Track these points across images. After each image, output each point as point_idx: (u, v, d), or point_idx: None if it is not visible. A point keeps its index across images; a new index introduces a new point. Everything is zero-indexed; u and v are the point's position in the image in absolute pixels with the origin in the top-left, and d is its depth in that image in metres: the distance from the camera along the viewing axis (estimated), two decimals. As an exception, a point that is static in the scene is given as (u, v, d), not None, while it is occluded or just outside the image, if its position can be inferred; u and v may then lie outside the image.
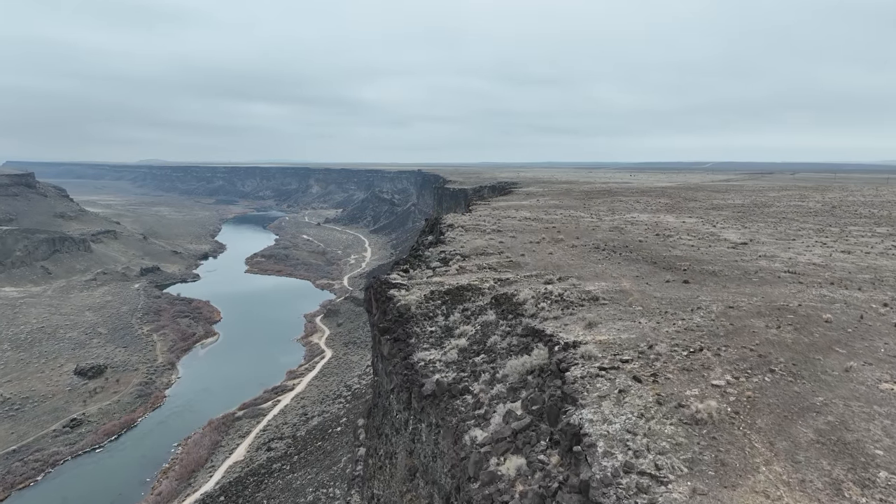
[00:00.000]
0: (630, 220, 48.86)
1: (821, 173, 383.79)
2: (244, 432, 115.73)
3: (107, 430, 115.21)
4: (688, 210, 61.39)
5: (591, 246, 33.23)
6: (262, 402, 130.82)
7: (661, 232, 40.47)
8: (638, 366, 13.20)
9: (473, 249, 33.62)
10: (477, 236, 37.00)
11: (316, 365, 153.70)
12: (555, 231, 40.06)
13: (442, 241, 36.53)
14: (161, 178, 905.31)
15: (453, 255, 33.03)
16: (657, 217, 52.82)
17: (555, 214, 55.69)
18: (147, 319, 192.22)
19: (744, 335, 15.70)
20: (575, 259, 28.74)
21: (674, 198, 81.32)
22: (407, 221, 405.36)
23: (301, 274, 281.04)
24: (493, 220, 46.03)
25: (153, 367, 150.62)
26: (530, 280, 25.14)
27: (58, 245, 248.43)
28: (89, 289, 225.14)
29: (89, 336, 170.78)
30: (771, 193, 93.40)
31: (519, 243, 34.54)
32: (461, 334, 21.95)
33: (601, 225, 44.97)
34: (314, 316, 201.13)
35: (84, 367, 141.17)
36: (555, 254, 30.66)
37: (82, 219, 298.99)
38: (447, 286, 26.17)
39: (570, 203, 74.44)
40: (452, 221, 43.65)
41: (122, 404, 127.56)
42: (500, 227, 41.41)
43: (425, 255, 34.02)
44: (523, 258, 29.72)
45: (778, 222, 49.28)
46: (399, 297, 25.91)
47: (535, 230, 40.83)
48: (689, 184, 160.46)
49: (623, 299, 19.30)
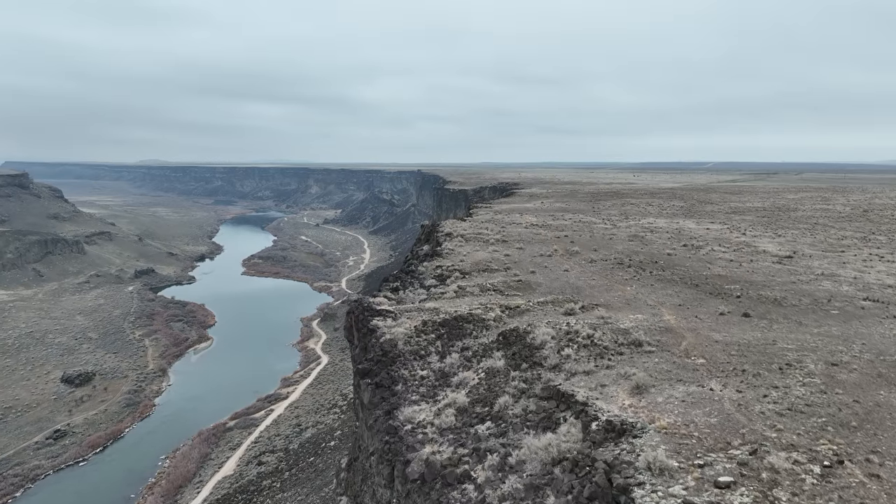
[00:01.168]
0: (648, 227, 44.19)
1: (825, 173, 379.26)
2: (235, 444, 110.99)
3: (92, 442, 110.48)
4: (707, 214, 56.68)
5: (613, 260, 28.57)
6: (255, 411, 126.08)
7: (688, 242, 35.80)
8: (751, 501, 8.41)
9: (475, 264, 28.84)
10: (479, 248, 32.30)
11: (311, 372, 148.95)
12: (567, 241, 35.43)
13: (439, 254, 31.75)
14: (159, 178, 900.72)
15: (451, 272, 28.20)
16: (676, 223, 48.16)
17: (563, 220, 50.98)
18: (139, 324, 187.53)
19: (889, 427, 10.73)
20: (597, 278, 24.10)
21: (687, 200, 76.57)
22: (406, 222, 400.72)
23: (298, 276, 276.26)
24: (497, 228, 41.38)
25: (143, 373, 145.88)
26: (545, 308, 20.37)
27: (50, 247, 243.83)
28: (81, 292, 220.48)
29: (79, 341, 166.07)
30: (788, 195, 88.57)
31: (527, 256, 29.91)
32: (460, 384, 17.17)
33: (617, 233, 40.29)
34: (311, 320, 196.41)
35: (71, 375, 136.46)
36: (571, 271, 26.02)
37: (76, 220, 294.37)
38: (443, 315, 21.36)
39: (577, 206, 69.66)
40: (451, 229, 38.85)
41: (109, 414, 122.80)
42: (504, 236, 36.75)
43: (419, 271, 29.16)
44: (534, 277, 25.07)
45: (812, 229, 44.63)
46: (384, 328, 21.09)
47: (544, 240, 36.16)
48: (696, 185, 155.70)
49: (673, 343, 14.65)
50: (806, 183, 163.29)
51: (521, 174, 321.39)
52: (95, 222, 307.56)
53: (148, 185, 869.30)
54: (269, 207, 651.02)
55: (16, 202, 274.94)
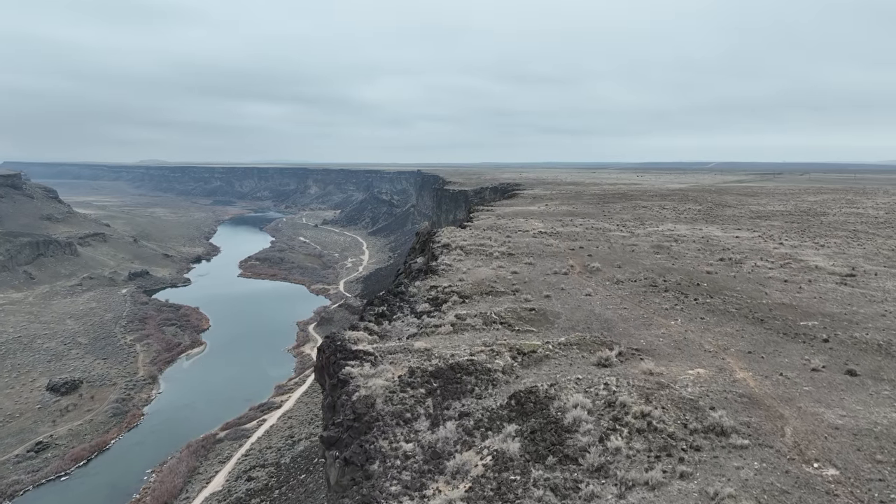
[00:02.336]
0: (670, 235, 39.46)
1: (830, 173, 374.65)
2: (225, 457, 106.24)
3: (75, 455, 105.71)
4: (730, 220, 51.99)
5: (644, 280, 23.81)
6: (247, 421, 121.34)
7: (724, 255, 30.97)
8: None
9: (477, 284, 24.04)
10: (481, 262, 27.55)
11: (307, 379, 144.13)
12: (584, 254, 30.69)
13: (434, 270, 26.95)
14: (158, 178, 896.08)
15: (449, 295, 23.38)
16: (700, 229, 43.39)
17: (574, 226, 46.22)
18: (131, 328, 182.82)
19: None
20: (629, 306, 19.43)
21: (701, 203, 71.81)
22: (406, 223, 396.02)
23: (296, 278, 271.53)
24: (501, 237, 36.59)
25: (133, 381, 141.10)
26: (570, 353, 15.59)
27: (42, 249, 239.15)
28: (73, 295, 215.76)
29: (68, 347, 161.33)
30: (808, 198, 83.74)
31: (539, 274, 25.22)
32: (457, 472, 12.57)
33: (638, 243, 35.51)
34: (307, 324, 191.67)
35: (57, 383, 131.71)
36: (595, 295, 21.33)
37: (70, 221, 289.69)
38: (436, 360, 16.64)
39: (585, 209, 64.84)
40: (449, 239, 34.00)
41: (95, 424, 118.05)
42: (510, 248, 31.97)
43: (410, 293, 24.28)
44: (550, 303, 20.40)
45: (854, 237, 39.92)
46: (359, 380, 16.35)
47: (557, 253, 31.35)
48: (703, 186, 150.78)
49: (772, 429, 9.94)
50: (818, 184, 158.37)
51: (522, 174, 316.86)
52: (90, 223, 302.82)
53: (147, 186, 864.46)
54: (268, 208, 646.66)
55: (8, 203, 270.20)
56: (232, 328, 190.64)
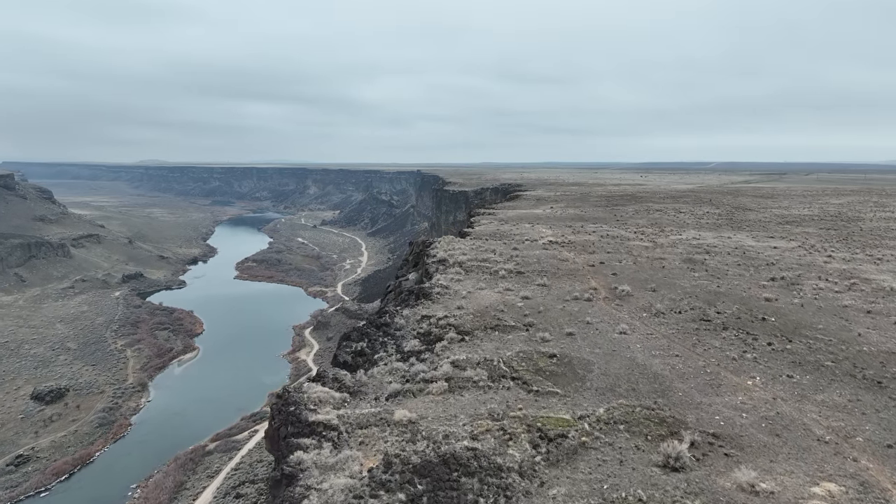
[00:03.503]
0: (698, 245, 34.69)
1: (836, 173, 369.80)
2: (214, 471, 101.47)
3: (56, 469, 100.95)
4: (757, 226, 47.23)
5: (690, 312, 18.85)
6: (238, 431, 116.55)
7: (775, 274, 26.16)
8: None
9: (480, 314, 19.22)
10: (484, 284, 22.77)
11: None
12: (606, 271, 25.88)
13: (427, 294, 22.10)
14: (157, 178, 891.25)
15: (444, 329, 18.54)
16: (728, 237, 38.60)
17: (586, 233, 41.40)
18: (123, 332, 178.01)
19: None
20: (682, 353, 14.65)
21: (718, 205, 67.00)
22: (405, 224, 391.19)
23: (293, 280, 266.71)
24: (507, 249, 31.75)
25: (121, 388, 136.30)
26: (616, 439, 10.78)
27: (34, 250, 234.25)
28: (65, 298, 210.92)
29: (56, 352, 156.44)
30: (832, 200, 78.84)
31: (556, 301, 20.47)
32: None
33: (666, 256, 30.67)
34: (303, 328, 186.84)
35: (42, 391, 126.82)
36: (632, 333, 16.52)
37: (64, 222, 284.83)
38: (422, 445, 11.90)
39: (595, 213, 59.99)
40: (446, 252, 29.00)
41: (80, 436, 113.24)
42: (518, 264, 27.14)
43: (397, 325, 19.40)
44: (575, 344, 15.67)
45: (907, 247, 35.27)
46: (312, 474, 11.32)
47: (574, 270, 26.47)
48: (711, 186, 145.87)
49: None
50: (830, 184, 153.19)
51: (523, 174, 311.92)
52: (84, 224, 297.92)
53: (146, 186, 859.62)
54: (267, 208, 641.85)
55: (0, 204, 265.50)
56: (226, 332, 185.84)
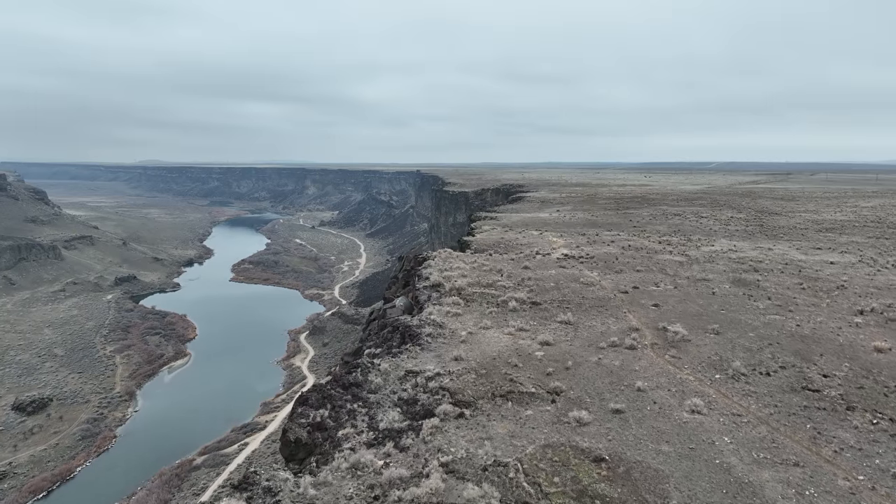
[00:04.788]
0: (740, 259, 29.57)
1: (842, 173, 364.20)
2: (200, 488, 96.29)
3: (34, 486, 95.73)
4: (794, 234, 42.04)
5: (783, 375, 13.65)
6: (227, 444, 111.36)
7: (860, 303, 20.83)
8: None
9: (484, 373, 13.98)
10: (490, 321, 17.52)
11: (295, 395, 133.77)
12: (644, 300, 20.60)
13: (415, 337, 16.76)
14: (156, 179, 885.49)
15: (436, 395, 13.23)
16: (769, 248, 33.35)
17: (604, 243, 36.18)
18: (113, 337, 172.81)
19: None
20: (803, 459, 9.76)
21: (740, 209, 61.73)
22: (405, 224, 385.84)
23: (290, 282, 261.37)
24: (515, 267, 26.55)
25: (107, 398, 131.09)
26: None
27: (24, 252, 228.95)
28: (55, 301, 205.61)
29: (42, 359, 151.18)
30: (861, 203, 73.56)
31: (587, 349, 15.31)
32: None
33: (709, 276, 25.37)
34: (299, 333, 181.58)
35: (24, 401, 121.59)
36: (710, 414, 11.34)
37: (56, 223, 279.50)
38: None
39: (606, 217, 54.70)
40: (441, 274, 23.44)
41: (61, 449, 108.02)
42: (532, 290, 21.85)
43: (371, 384, 14.04)
44: (629, 435, 10.55)
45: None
46: None
47: (604, 299, 21.06)
48: (721, 187, 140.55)
49: None
50: (844, 185, 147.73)
51: (524, 175, 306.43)
52: (77, 226, 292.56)
53: (144, 186, 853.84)
54: (266, 209, 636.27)
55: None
56: (219, 337, 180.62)
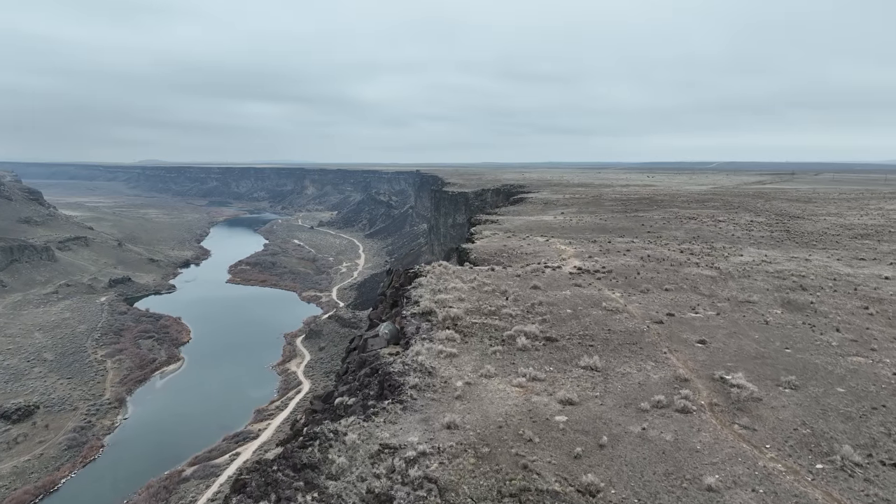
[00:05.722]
0: (778, 274, 26.00)
1: (846, 173, 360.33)
2: (188, 501, 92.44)
3: (16, 499, 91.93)
4: (827, 240, 38.34)
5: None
6: (218, 454, 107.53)
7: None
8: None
9: (485, 453, 10.32)
10: (493, 366, 13.48)
11: (290, 402, 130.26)
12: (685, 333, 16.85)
13: (396, 388, 12.88)
14: (155, 179, 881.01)
15: (419, 493, 9.08)
16: (806, 258, 29.69)
17: (621, 253, 32.44)
18: (105, 341, 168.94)
19: None
20: None
21: (758, 212, 57.98)
22: (404, 225, 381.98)
23: (287, 284, 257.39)
24: (522, 286, 22.82)
25: (96, 405, 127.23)
26: None
27: (16, 254, 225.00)
28: (47, 304, 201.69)
29: (31, 364, 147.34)
30: (886, 206, 69.76)
31: (624, 415, 11.64)
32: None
33: (751, 297, 21.62)
34: (295, 336, 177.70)
35: (9, 409, 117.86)
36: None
37: (50, 224, 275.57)
38: None
39: (617, 221, 50.85)
40: (433, 299, 19.17)
41: (45, 460, 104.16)
42: (545, 321, 17.96)
43: (330, 468, 10.22)
44: None
45: None
46: None
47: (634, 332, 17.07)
48: (727, 188, 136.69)
49: None
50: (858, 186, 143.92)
51: (525, 175, 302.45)
52: (72, 226, 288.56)
53: (143, 186, 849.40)
54: (264, 209, 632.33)
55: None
56: (214, 341, 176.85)
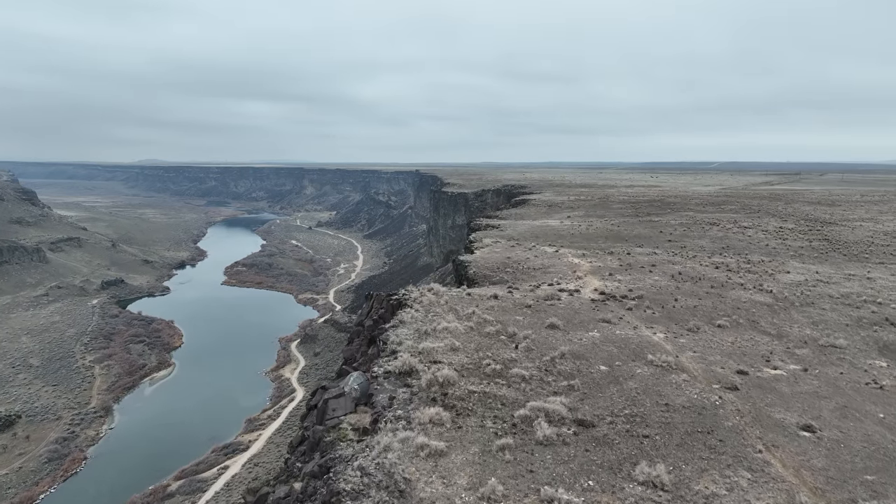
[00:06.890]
0: (844, 300, 21.56)
1: (852, 173, 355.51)
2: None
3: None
4: (876, 252, 33.78)
5: None
6: (206, 468, 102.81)
7: None
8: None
9: None
10: (502, 479, 8.54)
11: (282, 410, 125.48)
12: (778, 412, 11.92)
13: (368, 474, 7.96)
14: (153, 178, 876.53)
15: None
16: (866, 277, 25.18)
17: (645, 270, 27.78)
18: (94, 346, 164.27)
19: None
20: None
21: (787, 218, 53.33)
22: (403, 225, 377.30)
23: (283, 286, 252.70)
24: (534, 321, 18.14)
25: (81, 413, 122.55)
26: None
27: (6, 255, 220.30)
28: (37, 306, 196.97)
29: (16, 370, 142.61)
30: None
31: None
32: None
33: (836, 342, 16.84)
34: (290, 340, 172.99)
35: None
36: None
37: (43, 224, 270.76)
38: None
39: (630, 227, 46.08)
40: (418, 348, 12.81)
41: (24, 474, 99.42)
42: (571, 387, 12.99)
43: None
44: None
45: None
46: None
47: (703, 409, 11.78)
48: (735, 189, 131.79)
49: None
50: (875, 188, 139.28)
51: (526, 175, 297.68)
52: (65, 227, 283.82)
53: (141, 186, 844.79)
54: (263, 209, 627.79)
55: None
56: (207, 345, 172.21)
